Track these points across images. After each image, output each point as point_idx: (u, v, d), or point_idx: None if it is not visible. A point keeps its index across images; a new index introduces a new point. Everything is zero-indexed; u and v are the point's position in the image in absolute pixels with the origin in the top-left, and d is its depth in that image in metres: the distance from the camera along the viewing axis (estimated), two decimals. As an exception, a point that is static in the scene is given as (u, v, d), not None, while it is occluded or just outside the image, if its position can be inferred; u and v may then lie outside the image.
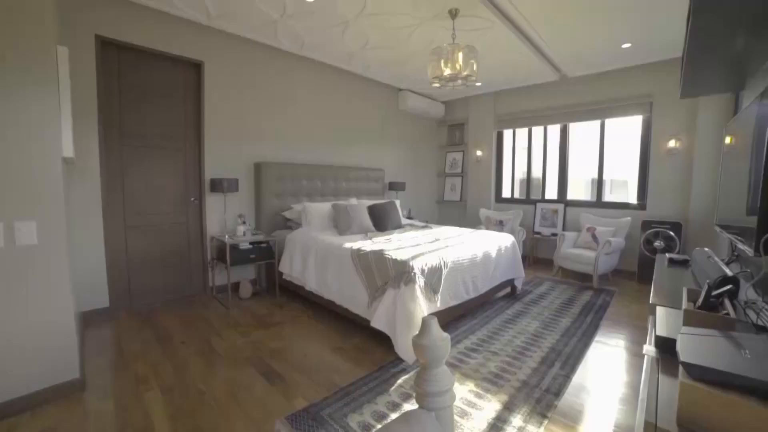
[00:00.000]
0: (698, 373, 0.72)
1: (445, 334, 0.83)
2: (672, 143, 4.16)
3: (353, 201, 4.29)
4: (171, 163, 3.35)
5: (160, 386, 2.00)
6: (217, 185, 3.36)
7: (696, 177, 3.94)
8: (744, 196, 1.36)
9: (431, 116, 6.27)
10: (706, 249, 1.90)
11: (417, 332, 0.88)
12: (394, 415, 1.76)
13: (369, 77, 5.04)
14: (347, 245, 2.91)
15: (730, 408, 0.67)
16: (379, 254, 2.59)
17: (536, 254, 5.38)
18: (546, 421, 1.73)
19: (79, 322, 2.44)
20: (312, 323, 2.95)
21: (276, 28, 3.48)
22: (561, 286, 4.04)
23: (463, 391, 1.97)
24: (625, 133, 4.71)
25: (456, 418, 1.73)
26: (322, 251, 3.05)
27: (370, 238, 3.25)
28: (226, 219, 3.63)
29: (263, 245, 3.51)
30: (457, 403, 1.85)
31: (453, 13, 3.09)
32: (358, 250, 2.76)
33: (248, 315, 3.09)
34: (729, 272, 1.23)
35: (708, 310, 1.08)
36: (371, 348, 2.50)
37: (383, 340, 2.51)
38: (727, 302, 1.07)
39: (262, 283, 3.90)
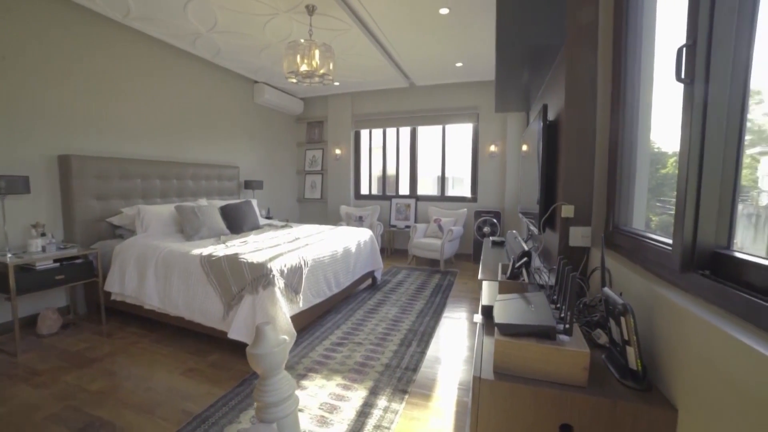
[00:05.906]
0: (505, 329, 0.91)
1: (282, 338, 0.80)
2: (492, 148, 5.16)
3: (203, 202, 3.81)
4: None
5: None
6: (-10, 185, 2.43)
7: (508, 175, 5.01)
8: (534, 190, 1.79)
9: (290, 112, 6.09)
10: (514, 231, 2.43)
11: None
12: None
13: (219, 64, 4.54)
14: (196, 252, 2.56)
15: (523, 350, 0.87)
16: (233, 258, 2.36)
17: (393, 246, 5.88)
18: (407, 396, 1.91)
19: None
20: (155, 348, 2.48)
21: (83, -14, 2.76)
22: (415, 273, 4.53)
23: (331, 386, 1.98)
24: (461, 137, 5.60)
25: (325, 414, 1.74)
26: (165, 261, 2.60)
27: (224, 242, 2.94)
28: (8, 231, 2.66)
29: (78, 261, 2.76)
30: (326, 399, 1.86)
31: (310, 9, 3.05)
32: (209, 255, 2.46)
33: (53, 356, 2.36)
34: (526, 248, 1.60)
35: (513, 278, 1.37)
36: (231, 362, 2.27)
37: (244, 352, 2.31)
38: (524, 271, 1.38)
39: (80, 309, 3.07)
